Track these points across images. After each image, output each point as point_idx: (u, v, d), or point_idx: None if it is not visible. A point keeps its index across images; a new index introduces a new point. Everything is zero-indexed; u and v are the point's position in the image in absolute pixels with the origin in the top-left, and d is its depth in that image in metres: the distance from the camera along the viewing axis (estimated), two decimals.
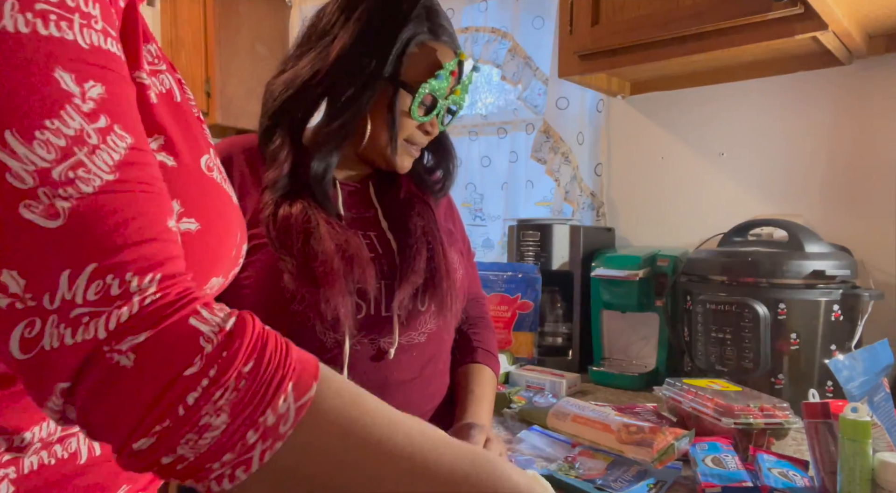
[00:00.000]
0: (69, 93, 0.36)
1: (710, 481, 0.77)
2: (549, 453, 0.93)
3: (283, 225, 0.81)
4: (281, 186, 0.84)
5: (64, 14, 0.37)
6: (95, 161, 0.36)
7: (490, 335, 1.05)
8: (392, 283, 0.85)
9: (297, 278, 0.78)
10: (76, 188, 0.35)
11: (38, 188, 0.34)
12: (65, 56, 0.36)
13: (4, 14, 0.34)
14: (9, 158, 0.33)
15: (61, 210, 0.34)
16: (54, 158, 0.34)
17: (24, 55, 0.35)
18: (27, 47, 0.35)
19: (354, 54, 0.83)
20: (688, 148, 1.57)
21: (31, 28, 0.35)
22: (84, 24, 0.38)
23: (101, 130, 0.37)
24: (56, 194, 0.34)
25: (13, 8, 0.35)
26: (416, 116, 0.86)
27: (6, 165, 0.33)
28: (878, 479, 0.68)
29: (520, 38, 1.79)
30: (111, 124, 0.37)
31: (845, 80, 1.34)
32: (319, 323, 0.79)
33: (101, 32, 0.39)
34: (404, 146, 0.90)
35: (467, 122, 2.01)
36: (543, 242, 1.51)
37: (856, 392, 0.78)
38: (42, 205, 0.34)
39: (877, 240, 1.31)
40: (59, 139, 0.35)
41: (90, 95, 0.37)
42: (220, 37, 2.09)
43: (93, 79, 0.37)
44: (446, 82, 0.87)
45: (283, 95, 0.86)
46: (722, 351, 1.17)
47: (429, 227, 0.90)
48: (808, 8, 1.02)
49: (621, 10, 1.26)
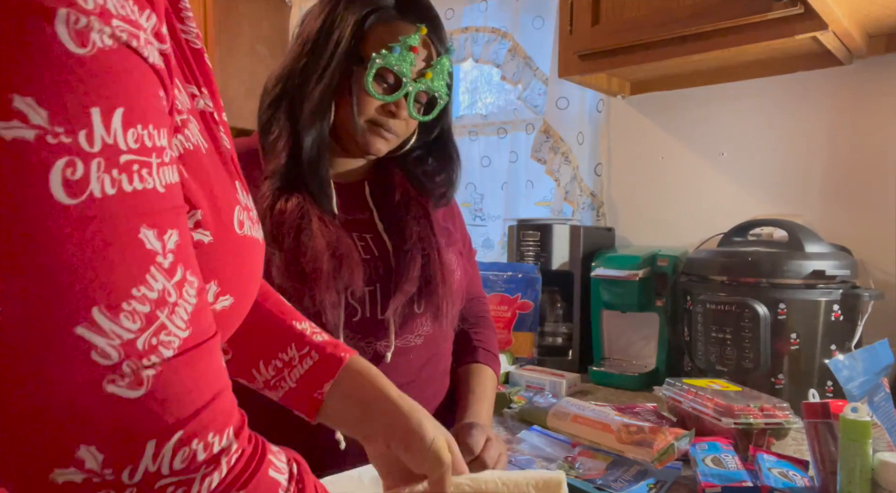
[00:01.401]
0: (153, 252, 0.34)
1: (710, 481, 0.77)
2: (549, 453, 0.93)
3: (277, 219, 0.81)
4: (280, 174, 0.84)
5: (146, 160, 0.34)
6: (175, 321, 0.35)
7: (491, 335, 1.05)
8: (387, 286, 0.85)
9: (284, 273, 0.78)
10: (158, 355, 0.33)
11: (124, 362, 0.32)
12: (148, 210, 0.34)
13: (91, 178, 0.31)
14: (95, 335, 0.31)
15: (145, 379, 0.33)
16: (139, 328, 0.33)
17: (112, 221, 0.32)
18: (115, 211, 0.32)
19: (322, 34, 0.85)
20: (688, 148, 1.57)
21: (116, 188, 0.32)
22: (160, 162, 0.35)
23: (178, 283, 0.35)
24: (140, 366, 0.33)
25: (99, 168, 0.32)
26: (374, 92, 0.83)
27: (92, 343, 0.31)
28: (878, 479, 0.68)
29: (520, 38, 1.79)
30: (185, 274, 0.36)
31: (845, 81, 1.34)
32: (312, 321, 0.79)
33: (170, 163, 0.36)
34: (370, 128, 0.86)
35: (467, 122, 2.01)
36: (543, 243, 1.51)
37: (856, 392, 0.78)
38: (128, 378, 0.32)
39: (877, 240, 1.31)
40: (144, 306, 0.33)
41: (169, 248, 0.35)
42: (220, 37, 2.09)
43: (170, 227, 0.35)
44: (407, 59, 0.83)
45: (275, 88, 0.88)
46: (722, 351, 1.17)
47: (425, 232, 0.89)
48: (808, 8, 1.02)
49: (621, 10, 1.26)
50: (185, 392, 0.34)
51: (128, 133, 0.33)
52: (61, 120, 0.31)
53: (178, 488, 0.34)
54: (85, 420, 0.31)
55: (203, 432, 0.35)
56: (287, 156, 0.84)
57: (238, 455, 0.37)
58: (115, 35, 0.33)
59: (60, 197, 0.31)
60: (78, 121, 0.31)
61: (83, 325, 0.31)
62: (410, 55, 0.84)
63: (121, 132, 0.33)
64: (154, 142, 0.35)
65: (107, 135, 0.32)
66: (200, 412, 0.35)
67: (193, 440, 0.34)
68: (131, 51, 0.34)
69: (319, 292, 0.78)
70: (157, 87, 0.36)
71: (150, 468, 0.33)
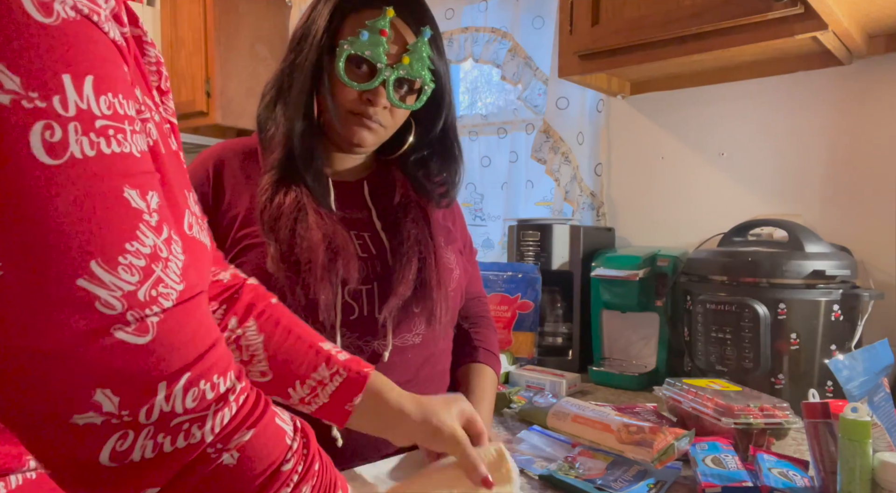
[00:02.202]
0: (140, 210, 0.36)
1: (710, 481, 0.77)
2: (549, 453, 0.93)
3: (275, 211, 0.82)
4: (278, 168, 0.85)
5: (119, 126, 0.36)
6: (169, 275, 0.37)
7: (491, 335, 1.05)
8: (385, 285, 0.85)
9: (278, 262, 0.79)
10: (159, 305, 0.36)
11: (128, 312, 0.34)
12: (129, 172, 0.36)
13: (70, 140, 0.33)
14: (97, 287, 0.34)
15: (150, 326, 0.35)
16: (138, 280, 0.35)
17: (96, 180, 0.34)
18: (97, 170, 0.34)
19: (304, 31, 0.86)
20: (688, 148, 1.57)
21: (96, 150, 0.34)
22: (132, 130, 0.37)
23: (166, 240, 0.38)
24: (144, 315, 0.35)
25: (77, 131, 0.34)
26: (347, 80, 0.81)
27: (95, 294, 0.34)
28: (878, 479, 0.68)
29: (520, 38, 1.79)
30: (170, 233, 0.38)
31: (845, 81, 1.34)
32: (311, 323, 0.79)
33: (141, 132, 0.39)
34: (350, 118, 0.85)
35: (467, 122, 2.01)
36: (543, 243, 1.51)
37: (856, 392, 0.78)
38: (133, 325, 0.35)
39: (877, 240, 1.31)
40: (140, 260, 0.35)
41: (153, 208, 0.37)
42: (220, 37, 2.08)
43: (150, 189, 0.38)
44: (379, 44, 0.80)
45: (271, 90, 0.89)
46: (722, 351, 1.17)
47: (422, 235, 0.89)
48: (808, 8, 1.02)
49: (621, 10, 1.26)
50: (188, 339, 0.37)
51: (100, 99, 0.35)
52: (35, 86, 0.32)
53: (193, 424, 0.36)
54: (98, 365, 0.34)
55: (208, 373, 0.38)
56: (283, 150, 0.85)
57: (245, 397, 0.40)
58: (76, 7, 0.34)
59: (42, 157, 0.32)
60: (51, 87, 0.33)
61: (83, 278, 0.33)
62: (381, 39, 0.80)
63: (93, 98, 0.35)
64: (125, 110, 0.37)
65: (80, 100, 0.34)
66: (203, 356, 0.38)
67: (201, 380, 0.37)
68: (93, 24, 0.36)
69: (314, 284, 0.78)
70: (120, 60, 0.38)
71: (165, 408, 0.35)
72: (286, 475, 0.40)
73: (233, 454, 0.38)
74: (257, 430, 0.39)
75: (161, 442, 0.35)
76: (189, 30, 2.13)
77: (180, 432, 0.36)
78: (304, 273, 0.78)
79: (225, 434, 0.38)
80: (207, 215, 0.86)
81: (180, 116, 2.18)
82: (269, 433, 0.40)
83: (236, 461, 0.38)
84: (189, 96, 2.13)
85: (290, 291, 0.78)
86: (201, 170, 0.88)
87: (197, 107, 2.11)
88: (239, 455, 0.38)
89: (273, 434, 0.41)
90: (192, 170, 0.89)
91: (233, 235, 0.84)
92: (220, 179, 0.87)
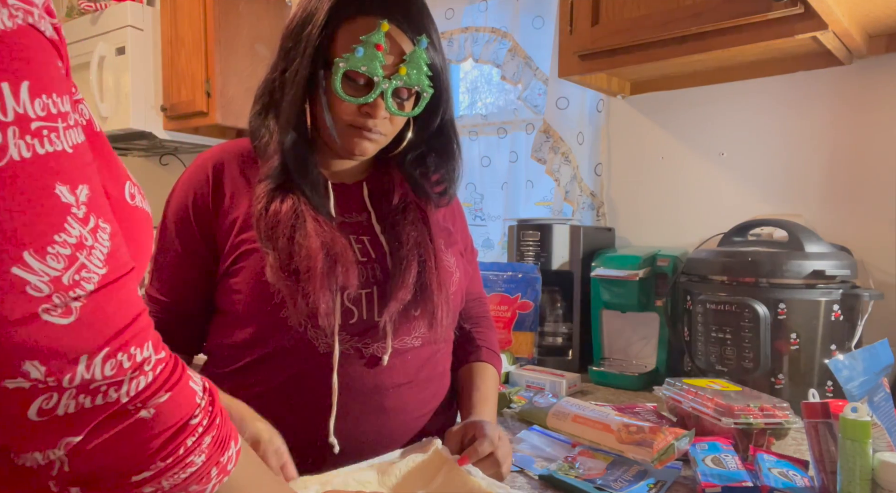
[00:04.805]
0: (68, 205, 0.41)
1: (710, 481, 0.77)
2: (549, 453, 0.93)
3: (272, 219, 0.81)
4: (273, 176, 0.84)
5: (53, 125, 0.40)
6: (92, 260, 0.42)
7: (492, 335, 1.05)
8: (385, 288, 0.85)
9: (277, 272, 0.78)
10: (82, 288, 0.41)
11: (53, 294, 0.39)
12: (60, 169, 0.41)
13: (9, 143, 0.38)
14: (28, 274, 0.39)
15: (74, 310, 0.40)
16: (63, 267, 0.40)
17: (31, 179, 0.39)
18: (31, 171, 0.39)
19: (294, 38, 0.84)
20: (688, 148, 1.57)
21: (31, 151, 0.39)
22: (66, 126, 0.41)
23: (92, 230, 0.42)
24: (68, 297, 0.40)
25: (15, 134, 0.38)
26: (344, 95, 0.81)
27: (26, 280, 0.38)
28: (878, 479, 0.68)
29: (520, 38, 1.79)
30: (97, 222, 0.43)
31: (845, 81, 1.34)
32: (311, 328, 0.79)
33: (75, 126, 0.43)
34: (350, 131, 0.84)
35: (467, 122, 2.01)
36: (543, 242, 1.51)
37: (856, 392, 0.78)
38: (59, 308, 0.39)
39: (877, 240, 1.31)
40: (66, 249, 0.40)
41: (82, 201, 0.42)
42: (220, 36, 2.08)
43: (80, 183, 0.42)
44: (375, 57, 0.79)
45: (262, 97, 0.89)
46: (722, 351, 1.17)
47: (422, 238, 0.88)
48: (808, 8, 1.02)
49: (621, 10, 1.26)
50: (108, 318, 0.42)
51: (35, 103, 0.39)
52: None
53: (110, 387, 0.42)
54: (27, 342, 0.39)
55: (125, 347, 0.43)
56: (277, 159, 0.84)
57: (162, 366, 0.46)
58: (12, 15, 0.38)
59: None
60: None
61: (17, 266, 0.38)
62: (377, 54, 0.79)
63: (29, 103, 0.39)
64: (59, 108, 0.41)
65: (17, 105, 0.38)
66: (122, 332, 0.43)
67: (118, 352, 0.42)
68: (29, 27, 0.39)
69: (314, 292, 0.78)
70: (55, 57, 0.42)
71: (86, 376, 0.41)
72: (193, 427, 0.47)
73: (149, 410, 0.44)
74: (174, 393, 0.45)
75: (82, 401, 0.41)
76: (189, 30, 2.12)
77: (98, 393, 0.41)
78: (304, 282, 0.78)
79: (143, 397, 0.43)
80: (207, 219, 0.86)
81: (180, 115, 2.18)
82: (183, 394, 0.47)
83: (152, 416, 0.44)
84: (189, 96, 2.13)
85: (290, 300, 0.78)
86: (201, 172, 0.88)
87: (197, 107, 2.10)
88: (155, 411, 0.44)
89: (186, 395, 0.47)
90: (191, 172, 0.88)
91: (232, 240, 0.84)
92: (219, 182, 0.87)
